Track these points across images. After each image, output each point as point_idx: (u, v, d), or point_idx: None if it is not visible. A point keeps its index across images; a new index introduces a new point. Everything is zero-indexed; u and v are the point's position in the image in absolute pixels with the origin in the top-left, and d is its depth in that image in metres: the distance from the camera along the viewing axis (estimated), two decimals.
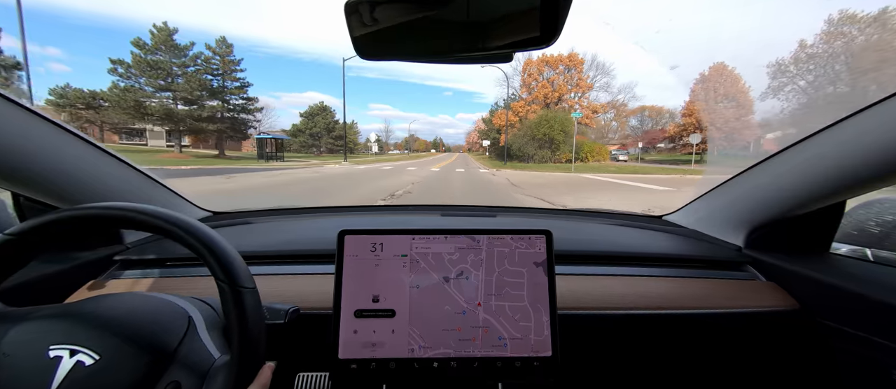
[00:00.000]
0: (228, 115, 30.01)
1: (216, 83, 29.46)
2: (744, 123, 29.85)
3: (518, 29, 0.43)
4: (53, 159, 0.72)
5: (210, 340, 0.50)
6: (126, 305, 0.50)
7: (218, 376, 0.45)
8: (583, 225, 1.24)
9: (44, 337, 0.42)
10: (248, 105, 31.18)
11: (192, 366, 0.45)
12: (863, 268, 0.79)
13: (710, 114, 32.97)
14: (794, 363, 0.84)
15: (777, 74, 24.97)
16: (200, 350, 0.48)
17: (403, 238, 0.65)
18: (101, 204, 0.47)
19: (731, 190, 1.00)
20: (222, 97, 29.73)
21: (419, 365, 0.60)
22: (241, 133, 31.69)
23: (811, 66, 23.55)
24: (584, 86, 38.82)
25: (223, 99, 29.76)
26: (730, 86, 32.34)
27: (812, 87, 22.90)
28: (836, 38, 21.96)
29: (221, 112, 29.61)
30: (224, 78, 29.76)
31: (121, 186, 0.89)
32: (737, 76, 32.15)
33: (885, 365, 0.67)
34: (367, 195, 8.20)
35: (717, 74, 33.47)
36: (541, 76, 38.69)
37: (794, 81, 24.30)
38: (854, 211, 0.91)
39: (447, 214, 1.31)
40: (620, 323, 0.77)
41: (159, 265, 0.87)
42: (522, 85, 39.55)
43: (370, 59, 0.49)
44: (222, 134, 29.75)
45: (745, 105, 30.85)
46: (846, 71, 20.94)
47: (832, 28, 22.07)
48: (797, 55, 23.82)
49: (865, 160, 0.64)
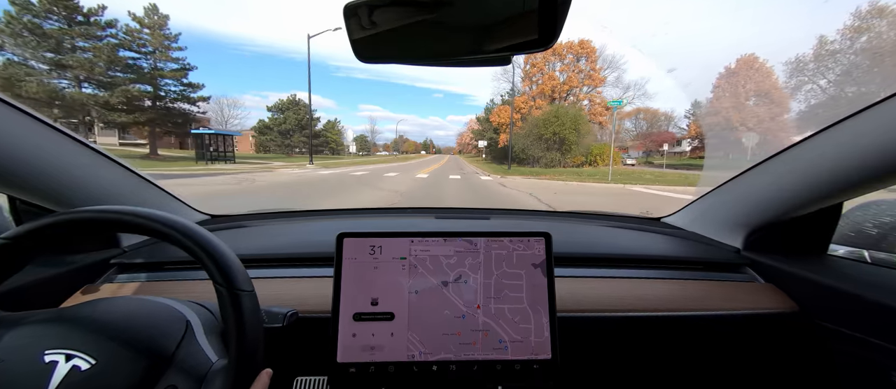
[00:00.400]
0: (161, 105, 23.69)
1: (146, 64, 23.14)
2: (779, 123, 26.24)
3: (516, 32, 0.43)
4: (49, 162, 0.72)
5: (208, 344, 0.50)
6: (122, 309, 0.49)
7: (216, 380, 0.44)
8: (581, 227, 1.24)
9: (38, 342, 0.42)
10: (187, 92, 24.44)
11: (190, 370, 0.45)
12: (860, 270, 0.79)
13: (739, 112, 29.01)
14: (793, 365, 0.84)
15: (795, 73, 23.15)
16: (198, 354, 0.48)
17: (402, 240, 0.65)
18: (97, 207, 0.47)
19: (729, 192, 1.00)
20: (151, 81, 23.25)
21: (418, 369, 0.60)
22: (180, 127, 25.22)
23: (831, 64, 21.51)
24: (597, 79, 33.26)
25: (153, 83, 23.33)
26: (762, 81, 28.58)
27: (833, 86, 21.07)
28: (862, 33, 20.00)
29: (153, 100, 23.29)
30: (155, 57, 23.48)
31: (117, 189, 0.89)
32: (769, 70, 28.67)
33: (884, 367, 0.68)
34: None
35: (745, 67, 29.64)
36: (546, 66, 33.58)
37: (814, 80, 22.37)
38: (851, 213, 0.91)
39: (442, 217, 1.31)
40: (620, 326, 0.77)
41: (156, 268, 0.87)
42: (524, 77, 34.84)
43: (369, 61, 0.49)
44: (154, 127, 23.53)
45: (780, 102, 26.79)
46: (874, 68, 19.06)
47: (859, 22, 20.10)
48: (817, 52, 21.87)
49: (862, 162, 0.65)
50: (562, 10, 0.41)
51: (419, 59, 0.50)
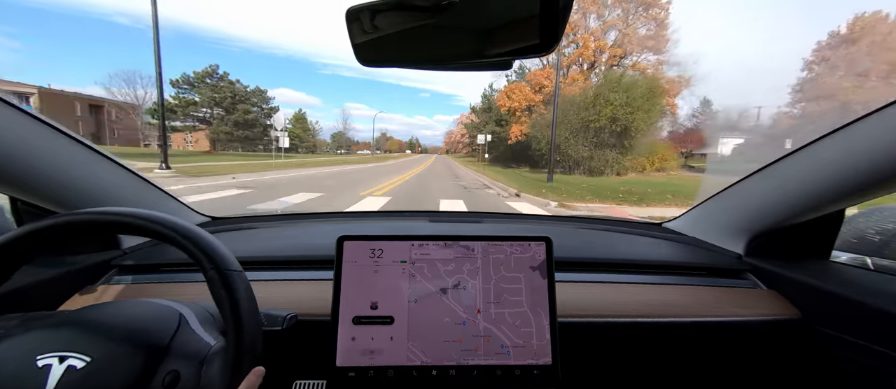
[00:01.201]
0: None
1: None
2: None
3: (518, 36, 0.43)
4: (50, 163, 0.72)
5: (204, 332, 0.50)
6: (114, 310, 0.50)
7: (215, 359, 0.45)
8: (581, 232, 1.24)
9: (31, 349, 0.41)
10: None
11: (188, 355, 0.45)
12: (863, 276, 0.78)
13: (857, 93, 19.05)
14: (795, 372, 0.83)
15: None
16: (195, 340, 0.48)
17: (403, 244, 0.65)
18: (96, 209, 0.48)
19: (730, 197, 1.00)
20: None
21: (418, 373, 0.60)
22: None
23: None
24: (662, 42, 19.20)
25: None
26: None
27: None
28: None
29: None
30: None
31: (118, 191, 0.89)
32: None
33: (887, 374, 0.67)
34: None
35: (869, 29, 19.05)
36: (586, 19, 19.65)
37: None
38: (854, 219, 0.91)
39: (438, 220, 1.31)
40: (621, 331, 0.76)
41: (156, 270, 0.87)
42: None
43: (370, 65, 0.50)
44: None
45: None
46: None
47: None
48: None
49: (866, 168, 0.64)
50: (563, 15, 0.41)
51: (420, 63, 0.50)
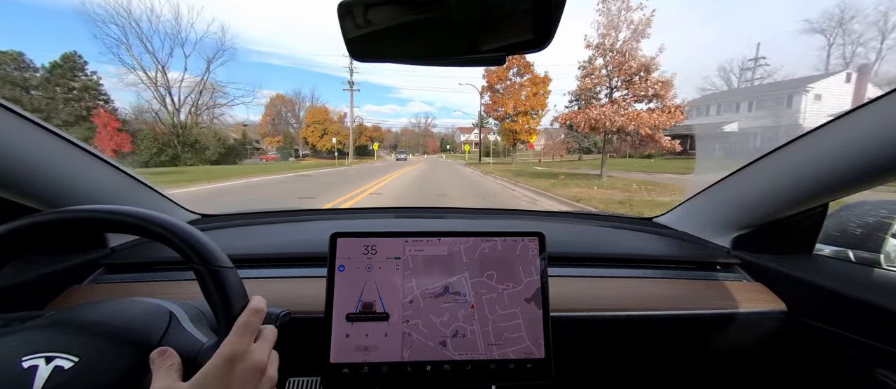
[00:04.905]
0: None
1: None
2: None
3: (512, 32, 0.44)
4: (34, 161, 0.70)
5: (195, 330, 0.49)
6: (102, 309, 0.49)
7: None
8: (574, 227, 1.25)
9: (13, 351, 0.40)
10: None
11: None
12: (845, 269, 0.81)
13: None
14: (781, 362, 0.85)
15: None
16: (186, 339, 0.47)
17: (396, 240, 0.65)
18: (79, 207, 0.47)
19: (719, 192, 1.01)
20: None
21: (412, 369, 0.60)
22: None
23: None
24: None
25: None
26: None
27: None
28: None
29: None
30: None
31: (107, 189, 0.87)
32: None
33: (868, 363, 0.69)
34: None
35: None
36: None
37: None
38: (837, 213, 0.93)
39: (431, 216, 1.31)
40: (612, 325, 0.78)
41: (145, 269, 0.85)
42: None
43: (363, 60, 0.49)
44: None
45: None
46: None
47: None
48: None
49: (848, 164, 0.66)
50: (556, 12, 0.41)
51: (413, 57, 0.50)
